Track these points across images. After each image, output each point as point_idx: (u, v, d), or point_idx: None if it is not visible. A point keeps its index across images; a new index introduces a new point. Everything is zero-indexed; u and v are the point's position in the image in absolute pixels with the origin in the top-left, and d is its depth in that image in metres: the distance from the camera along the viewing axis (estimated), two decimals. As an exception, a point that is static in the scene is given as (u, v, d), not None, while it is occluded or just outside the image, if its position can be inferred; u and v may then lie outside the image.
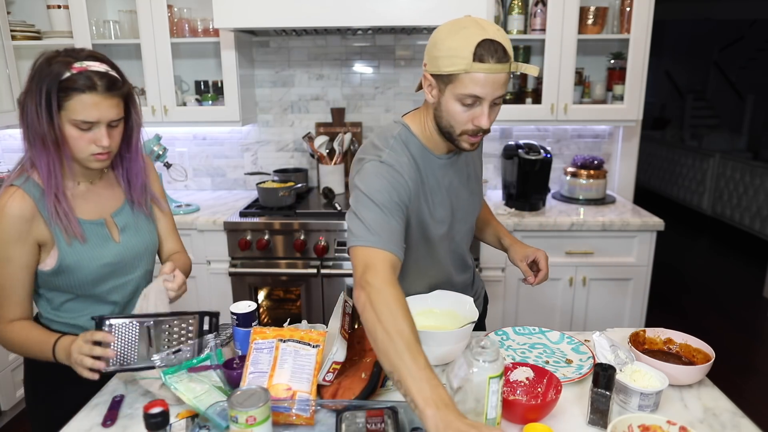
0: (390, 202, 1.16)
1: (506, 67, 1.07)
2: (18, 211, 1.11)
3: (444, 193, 1.29)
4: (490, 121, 1.12)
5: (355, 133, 2.97)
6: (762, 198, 5.23)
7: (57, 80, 1.07)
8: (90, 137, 1.12)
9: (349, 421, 0.97)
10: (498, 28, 1.09)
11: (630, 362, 1.11)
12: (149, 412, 0.84)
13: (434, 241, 1.32)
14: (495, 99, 1.11)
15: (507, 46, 1.08)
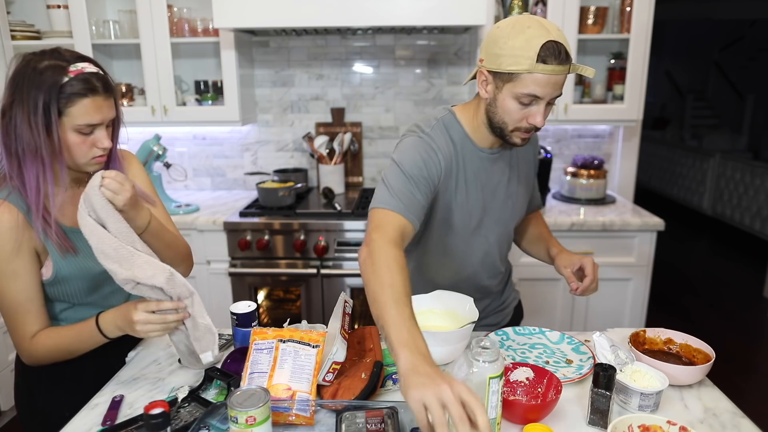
0: (419, 175, 1.18)
1: (567, 69, 1.10)
2: (9, 224, 1.08)
3: (479, 185, 1.30)
4: (542, 119, 1.15)
5: (355, 133, 2.97)
6: (762, 198, 5.23)
7: (56, 88, 1.03)
8: (91, 141, 1.11)
9: (349, 421, 0.97)
10: (559, 29, 1.10)
11: (630, 362, 1.11)
12: (149, 412, 0.84)
13: (457, 230, 1.31)
14: (552, 99, 1.14)
15: (568, 47, 1.10)
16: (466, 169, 1.28)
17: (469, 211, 1.30)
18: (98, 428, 1.04)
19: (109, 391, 1.17)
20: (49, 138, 1.05)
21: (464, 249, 1.36)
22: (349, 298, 1.29)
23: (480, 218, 1.32)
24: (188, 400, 1.10)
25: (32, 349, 1.14)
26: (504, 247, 1.44)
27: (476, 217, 1.32)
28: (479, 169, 1.29)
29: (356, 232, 2.46)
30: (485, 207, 1.32)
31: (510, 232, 1.43)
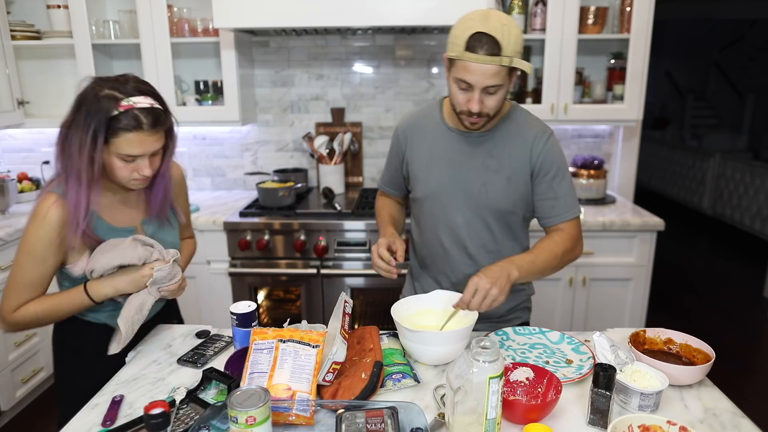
0: (391, 155, 1.55)
1: (495, 60, 1.16)
2: (57, 218, 1.18)
3: (445, 161, 1.39)
4: (479, 107, 1.23)
5: (355, 133, 2.97)
6: (762, 198, 5.23)
7: (106, 119, 1.12)
8: (132, 167, 1.19)
9: (349, 421, 0.96)
10: (505, 24, 1.17)
11: (630, 362, 1.11)
12: (150, 412, 0.84)
13: (423, 200, 1.44)
14: (487, 87, 1.20)
15: (503, 41, 1.16)
16: (437, 145, 1.40)
17: (435, 182, 1.40)
18: (98, 428, 1.04)
19: (109, 391, 1.17)
20: (90, 165, 1.14)
21: (430, 222, 1.45)
22: (349, 298, 1.29)
23: (449, 193, 1.39)
24: (186, 402, 1.10)
25: (13, 317, 1.23)
26: (481, 236, 1.41)
27: (444, 190, 1.39)
28: (449, 147, 1.39)
29: (356, 232, 2.46)
30: (458, 184, 1.38)
31: (486, 222, 1.40)
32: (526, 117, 1.40)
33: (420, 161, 1.43)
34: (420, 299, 1.35)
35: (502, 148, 1.36)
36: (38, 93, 2.94)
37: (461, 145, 1.38)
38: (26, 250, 1.20)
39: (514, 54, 1.18)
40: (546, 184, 1.36)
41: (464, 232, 1.42)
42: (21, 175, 2.96)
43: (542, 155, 1.34)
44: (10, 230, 2.37)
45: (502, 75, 1.19)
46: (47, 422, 2.48)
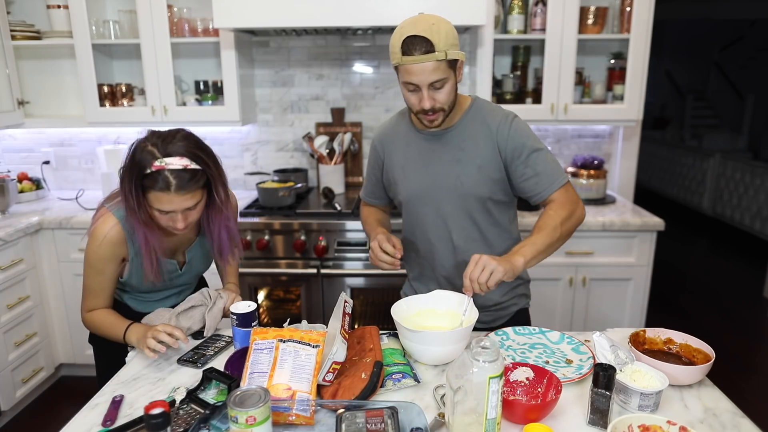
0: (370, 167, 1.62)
1: (431, 57, 1.23)
2: (114, 238, 1.34)
3: (421, 162, 1.45)
4: (431, 103, 1.29)
5: (355, 133, 2.97)
6: (762, 198, 5.23)
7: (141, 175, 1.22)
8: (168, 218, 1.29)
9: (349, 421, 0.96)
10: (433, 23, 1.24)
11: (630, 362, 1.11)
12: (150, 412, 0.84)
13: (406, 202, 1.50)
14: (433, 84, 1.27)
15: (434, 38, 1.23)
16: (411, 148, 1.47)
17: (415, 184, 1.46)
18: (98, 428, 1.04)
19: (109, 391, 1.17)
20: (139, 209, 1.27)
21: (417, 221, 1.50)
22: (349, 298, 1.29)
23: (429, 191, 1.45)
24: (186, 402, 1.10)
25: (85, 318, 1.44)
26: (464, 227, 1.45)
27: (425, 190, 1.45)
28: (422, 148, 1.45)
29: (356, 232, 2.46)
30: (435, 181, 1.43)
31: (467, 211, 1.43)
32: (488, 107, 1.44)
33: (397, 167, 1.50)
34: (420, 299, 1.35)
35: (469, 139, 1.41)
36: (38, 93, 2.94)
37: (432, 145, 1.44)
38: (88, 263, 1.38)
39: (447, 47, 1.24)
40: (522, 166, 1.38)
41: (449, 226, 1.46)
42: (21, 175, 2.96)
43: (509, 141, 1.38)
44: (10, 230, 2.37)
45: (442, 69, 1.26)
46: (47, 422, 2.48)
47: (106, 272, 1.38)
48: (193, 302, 1.46)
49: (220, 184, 1.33)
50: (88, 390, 1.22)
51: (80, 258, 2.52)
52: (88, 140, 3.05)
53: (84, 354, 2.71)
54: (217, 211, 1.38)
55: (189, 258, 1.50)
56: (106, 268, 1.38)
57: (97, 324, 1.42)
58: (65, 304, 2.65)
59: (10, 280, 2.40)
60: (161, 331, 1.27)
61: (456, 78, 1.32)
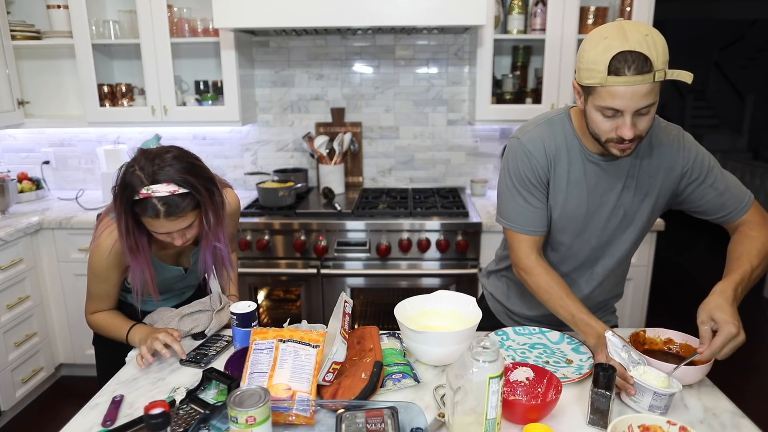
0: (527, 181, 1.27)
1: (648, 78, 1.03)
2: (117, 249, 1.33)
3: (585, 187, 1.27)
4: (633, 131, 1.09)
5: (355, 133, 2.97)
6: (762, 198, 5.22)
7: (130, 202, 1.22)
8: (165, 236, 1.28)
9: (349, 421, 0.96)
10: (647, 34, 1.03)
11: (642, 364, 1.09)
12: (150, 412, 0.83)
13: (559, 231, 1.32)
14: (639, 109, 1.07)
15: (651, 54, 1.02)
16: (571, 169, 1.26)
17: (573, 213, 1.29)
18: (98, 428, 1.04)
19: (109, 391, 1.17)
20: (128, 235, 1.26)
21: (560, 246, 1.35)
22: (349, 298, 1.29)
23: (585, 220, 1.29)
24: (186, 402, 1.10)
25: (89, 319, 1.47)
26: (612, 259, 1.34)
27: (580, 218, 1.29)
28: (587, 171, 1.26)
29: (356, 232, 2.46)
30: (589, 210, 1.28)
31: (619, 246, 1.33)
32: (656, 126, 1.27)
33: (557, 188, 1.28)
34: (423, 299, 1.34)
35: (640, 166, 1.25)
36: (38, 93, 2.94)
37: (595, 168, 1.26)
38: (91, 270, 1.39)
39: (664, 65, 1.04)
40: (704, 188, 1.25)
41: (595, 255, 1.35)
42: (21, 175, 2.96)
43: (687, 161, 1.24)
44: (10, 230, 2.37)
45: (655, 92, 1.06)
46: (47, 422, 2.48)
47: (110, 280, 1.40)
48: (200, 307, 1.46)
49: (211, 208, 1.28)
50: (88, 390, 1.22)
51: (80, 258, 2.53)
52: (88, 140, 3.05)
53: (84, 354, 2.71)
54: (204, 235, 1.33)
55: (194, 261, 1.51)
56: (111, 277, 1.39)
57: (102, 325, 1.45)
58: (65, 304, 2.65)
59: (10, 280, 2.40)
60: (160, 340, 1.28)
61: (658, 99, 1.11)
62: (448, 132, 2.98)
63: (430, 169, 3.05)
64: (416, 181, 3.07)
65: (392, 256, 2.46)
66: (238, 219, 1.63)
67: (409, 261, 2.47)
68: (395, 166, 3.05)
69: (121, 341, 1.40)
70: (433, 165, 3.04)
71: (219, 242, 1.37)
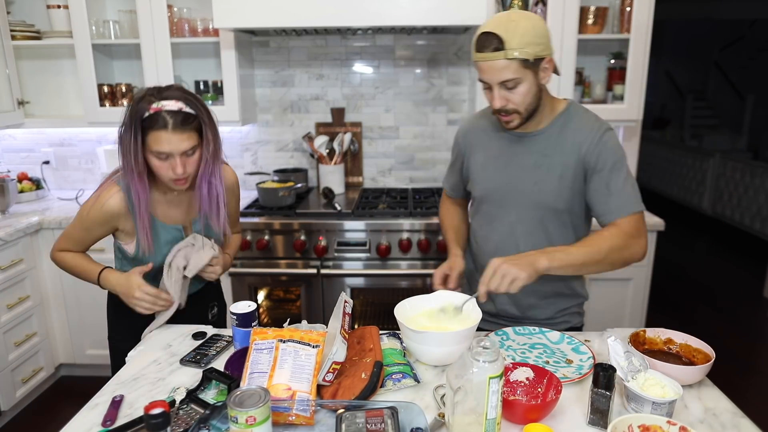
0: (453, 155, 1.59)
1: (498, 55, 1.21)
2: (112, 208, 1.40)
3: (502, 162, 1.42)
4: (501, 102, 1.27)
5: (355, 133, 2.97)
6: (762, 198, 5.23)
7: (139, 119, 1.29)
8: (168, 165, 1.34)
9: (349, 421, 0.96)
10: (513, 20, 1.21)
11: (644, 370, 1.08)
12: (150, 412, 0.84)
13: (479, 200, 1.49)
14: (504, 83, 1.24)
15: (506, 36, 1.19)
16: (490, 146, 1.44)
17: (491, 184, 1.44)
18: (98, 428, 1.04)
19: (109, 391, 1.17)
20: (136, 160, 1.32)
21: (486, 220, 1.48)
22: (349, 298, 1.29)
23: (504, 192, 1.42)
24: (186, 402, 1.10)
25: (56, 255, 1.50)
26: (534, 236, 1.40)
27: (500, 191, 1.42)
28: (504, 148, 1.42)
29: (356, 232, 2.46)
30: (512, 184, 1.40)
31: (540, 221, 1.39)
32: (582, 115, 1.37)
33: (477, 163, 1.47)
34: (423, 299, 1.34)
35: (554, 146, 1.35)
36: (38, 93, 2.94)
37: (515, 146, 1.40)
38: (80, 217, 1.44)
39: (522, 46, 1.19)
40: (599, 181, 1.32)
41: (518, 232, 1.42)
42: (21, 175, 2.96)
43: (595, 152, 1.31)
44: (10, 230, 2.37)
45: (513, 68, 1.22)
46: (47, 422, 2.48)
47: (92, 232, 1.45)
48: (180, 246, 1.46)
49: (211, 132, 1.37)
50: (88, 390, 1.22)
51: (80, 258, 2.53)
52: (88, 140, 3.05)
53: (84, 354, 2.71)
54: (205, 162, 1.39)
55: (195, 231, 1.52)
56: (94, 230, 1.44)
57: (69, 264, 1.49)
58: (65, 304, 2.65)
59: (10, 280, 2.40)
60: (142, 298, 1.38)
61: (536, 79, 1.26)
62: (448, 132, 2.98)
63: (430, 169, 3.05)
64: (416, 181, 3.07)
65: (392, 256, 2.46)
66: (238, 195, 1.68)
67: (409, 261, 2.47)
68: (395, 166, 3.05)
69: (89, 281, 1.47)
70: (433, 165, 3.04)
71: (214, 177, 1.44)
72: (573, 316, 1.53)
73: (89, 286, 1.51)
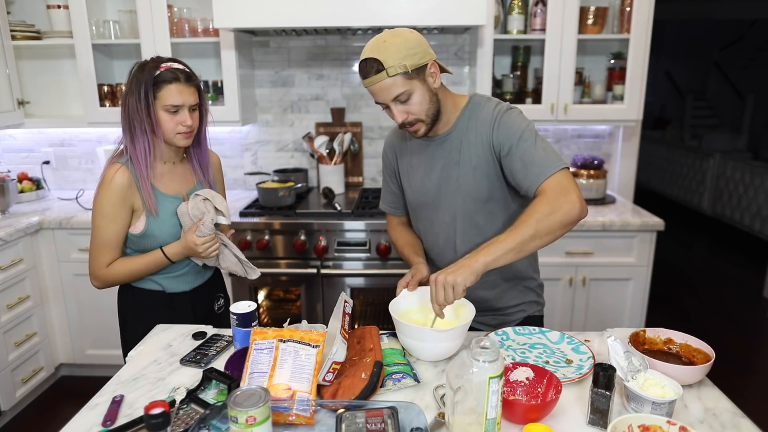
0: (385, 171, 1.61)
1: (381, 76, 1.24)
2: (122, 182, 1.45)
3: (425, 168, 1.45)
4: (403, 117, 1.30)
5: (355, 133, 2.97)
6: (762, 198, 5.23)
7: (152, 77, 1.42)
8: (177, 119, 1.45)
9: (349, 421, 0.96)
10: (385, 40, 1.25)
11: (643, 370, 1.08)
12: (150, 412, 0.84)
13: (416, 207, 1.52)
14: (396, 98, 1.27)
15: (381, 56, 1.23)
16: (412, 155, 1.48)
17: (420, 190, 1.47)
18: (98, 428, 1.04)
19: (109, 391, 1.17)
20: (148, 116, 1.43)
21: (424, 227, 1.52)
22: (349, 298, 1.29)
23: (434, 196, 1.44)
24: (186, 402, 1.10)
25: (105, 274, 1.50)
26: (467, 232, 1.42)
27: (430, 195, 1.45)
28: (422, 154, 1.46)
29: (356, 232, 2.46)
30: (439, 186, 1.43)
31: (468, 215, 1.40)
32: (482, 104, 1.38)
33: (404, 174, 1.52)
34: (419, 295, 1.35)
35: (464, 140, 1.38)
36: (38, 93, 2.95)
37: (433, 151, 1.43)
38: (100, 213, 1.46)
39: (399, 61, 1.23)
40: (512, 159, 1.30)
41: (454, 230, 1.44)
42: (21, 175, 2.97)
43: (498, 135, 1.31)
44: (10, 230, 2.37)
45: (399, 83, 1.25)
46: (47, 422, 2.48)
47: (119, 220, 1.47)
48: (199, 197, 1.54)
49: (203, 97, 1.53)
50: (88, 390, 1.22)
51: (81, 258, 2.53)
52: (88, 140, 3.05)
53: (84, 354, 2.71)
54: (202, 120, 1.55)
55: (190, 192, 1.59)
56: (119, 215, 1.46)
57: (126, 270, 1.50)
58: (65, 304, 2.65)
59: (10, 280, 2.40)
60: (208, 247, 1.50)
61: (426, 85, 1.28)
62: (448, 132, 2.98)
63: (430, 169, 3.04)
64: (416, 181, 3.07)
65: (392, 256, 2.46)
66: (222, 176, 1.78)
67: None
68: (395, 166, 3.05)
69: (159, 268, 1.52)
70: (433, 165, 3.04)
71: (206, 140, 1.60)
72: (530, 305, 1.52)
73: (89, 287, 1.51)
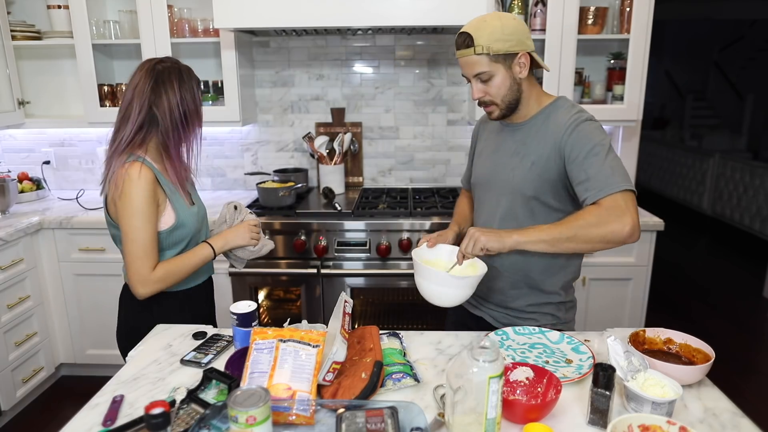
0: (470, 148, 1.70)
1: (468, 51, 1.32)
2: (148, 178, 1.42)
3: (491, 149, 1.53)
4: (479, 94, 1.38)
5: (355, 133, 2.97)
6: (762, 198, 5.23)
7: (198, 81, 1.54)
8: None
9: (349, 420, 0.97)
10: (485, 20, 1.32)
11: (643, 370, 1.08)
12: (150, 412, 0.84)
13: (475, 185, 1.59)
14: (478, 75, 1.34)
15: (476, 33, 1.30)
16: (488, 136, 1.57)
17: (480, 169, 1.55)
18: (98, 428, 1.04)
19: (109, 391, 1.17)
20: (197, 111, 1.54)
21: (479, 207, 1.57)
22: (349, 298, 1.29)
23: (489, 178, 1.51)
24: (186, 402, 1.10)
25: (153, 277, 1.43)
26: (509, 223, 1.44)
27: (486, 176, 1.52)
28: (495, 136, 1.53)
29: (356, 232, 2.46)
30: (495, 170, 1.49)
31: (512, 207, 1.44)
32: (564, 107, 1.41)
33: (478, 152, 1.61)
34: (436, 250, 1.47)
35: (533, 136, 1.41)
36: (38, 93, 2.95)
37: (505, 136, 1.49)
38: (137, 213, 1.39)
39: (490, 42, 1.29)
40: (577, 169, 1.31)
41: (494, 215, 1.49)
42: (21, 175, 2.97)
43: (569, 141, 1.33)
44: (10, 230, 2.37)
45: (484, 63, 1.32)
46: (47, 422, 2.48)
47: (152, 218, 1.43)
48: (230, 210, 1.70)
49: None
50: (88, 390, 1.22)
51: (81, 258, 2.53)
52: (88, 140, 3.06)
53: (84, 354, 2.71)
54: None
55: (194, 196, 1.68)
56: (154, 213, 1.43)
57: (175, 269, 1.48)
58: (65, 304, 2.65)
59: (10, 280, 2.40)
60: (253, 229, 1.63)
61: (511, 72, 1.35)
62: (448, 132, 2.99)
63: (430, 169, 3.05)
64: (416, 181, 3.07)
65: (392, 256, 2.46)
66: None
67: (409, 261, 2.47)
68: (395, 166, 3.05)
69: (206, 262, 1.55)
70: (433, 165, 3.04)
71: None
72: (543, 316, 1.50)
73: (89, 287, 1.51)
